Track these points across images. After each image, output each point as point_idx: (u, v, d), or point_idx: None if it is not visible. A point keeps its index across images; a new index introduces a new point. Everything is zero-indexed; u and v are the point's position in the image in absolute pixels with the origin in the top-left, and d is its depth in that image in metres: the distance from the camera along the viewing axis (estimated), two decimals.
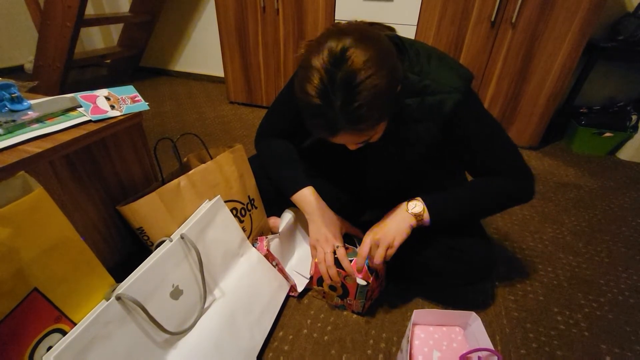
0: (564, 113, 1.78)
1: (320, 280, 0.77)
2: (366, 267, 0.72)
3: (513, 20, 1.41)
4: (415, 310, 0.65)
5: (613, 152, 1.69)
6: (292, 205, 0.81)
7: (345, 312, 0.80)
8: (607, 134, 1.61)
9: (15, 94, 0.67)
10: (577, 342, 0.75)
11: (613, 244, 1.06)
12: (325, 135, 0.55)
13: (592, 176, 1.47)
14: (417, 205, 0.68)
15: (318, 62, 0.48)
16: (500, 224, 1.13)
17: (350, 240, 0.81)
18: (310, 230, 0.77)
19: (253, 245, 0.83)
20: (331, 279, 0.72)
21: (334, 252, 0.73)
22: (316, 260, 0.75)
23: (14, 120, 0.63)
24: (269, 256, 0.81)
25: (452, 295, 0.85)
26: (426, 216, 0.67)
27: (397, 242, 0.66)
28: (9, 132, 0.61)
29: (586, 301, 0.86)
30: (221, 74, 2.28)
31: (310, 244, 0.78)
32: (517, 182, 0.69)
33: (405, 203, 0.70)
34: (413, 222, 0.67)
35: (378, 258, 0.66)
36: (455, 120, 0.64)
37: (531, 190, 0.70)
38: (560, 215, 1.20)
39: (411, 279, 0.85)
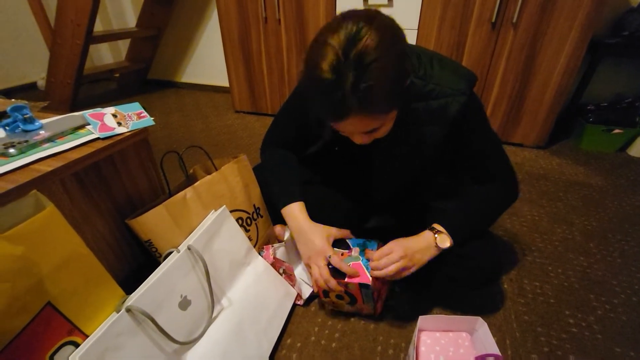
0: (571, 111, 1.76)
1: (326, 293, 0.77)
2: (365, 269, 0.71)
3: (514, 20, 1.41)
4: (420, 317, 0.64)
5: (623, 149, 1.65)
6: None
7: (352, 319, 0.80)
8: (617, 131, 1.58)
9: (28, 115, 0.70)
10: (590, 346, 0.74)
11: (625, 244, 1.04)
12: (334, 117, 0.54)
13: (602, 174, 1.45)
14: (445, 240, 0.68)
15: (334, 40, 0.49)
16: (509, 226, 1.12)
17: (344, 245, 0.80)
18: (301, 251, 0.77)
19: (259, 254, 0.84)
20: (334, 290, 0.72)
21: (328, 264, 0.72)
22: (314, 279, 0.73)
23: (26, 141, 0.65)
24: (275, 264, 0.82)
25: (462, 300, 0.84)
26: (451, 244, 0.68)
27: (414, 269, 0.68)
28: (22, 152, 0.63)
29: (599, 303, 0.84)
30: (226, 83, 2.31)
31: (304, 264, 0.78)
32: (507, 186, 0.75)
33: (432, 235, 0.68)
34: (435, 254, 0.68)
35: (392, 270, 0.66)
36: (460, 123, 0.65)
37: (518, 191, 0.76)
38: (570, 215, 1.18)
39: (418, 284, 0.85)
